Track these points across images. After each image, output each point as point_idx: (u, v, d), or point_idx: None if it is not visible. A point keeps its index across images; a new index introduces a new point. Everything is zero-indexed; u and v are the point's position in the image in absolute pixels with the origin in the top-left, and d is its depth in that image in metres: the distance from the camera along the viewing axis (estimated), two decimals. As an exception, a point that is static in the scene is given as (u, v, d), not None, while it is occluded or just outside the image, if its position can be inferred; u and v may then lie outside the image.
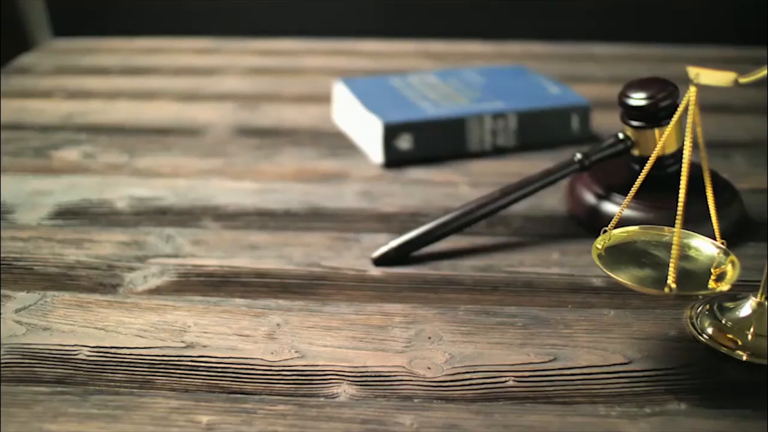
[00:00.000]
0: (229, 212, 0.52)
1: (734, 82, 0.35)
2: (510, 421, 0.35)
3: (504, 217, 0.52)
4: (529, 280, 0.45)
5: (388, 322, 0.41)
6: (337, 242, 0.49)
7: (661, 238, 0.39)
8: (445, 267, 0.46)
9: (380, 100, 0.61)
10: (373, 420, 0.35)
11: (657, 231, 0.40)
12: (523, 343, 0.40)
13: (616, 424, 0.35)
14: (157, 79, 0.80)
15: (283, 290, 0.44)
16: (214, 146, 0.63)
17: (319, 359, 0.38)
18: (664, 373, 0.38)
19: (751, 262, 0.47)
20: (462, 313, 0.42)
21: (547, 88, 0.64)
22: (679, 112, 0.37)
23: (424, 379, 0.37)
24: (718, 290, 0.35)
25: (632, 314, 0.42)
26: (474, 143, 0.60)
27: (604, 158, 0.50)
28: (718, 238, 0.38)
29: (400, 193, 0.55)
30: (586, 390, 0.37)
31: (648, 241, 0.39)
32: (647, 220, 0.48)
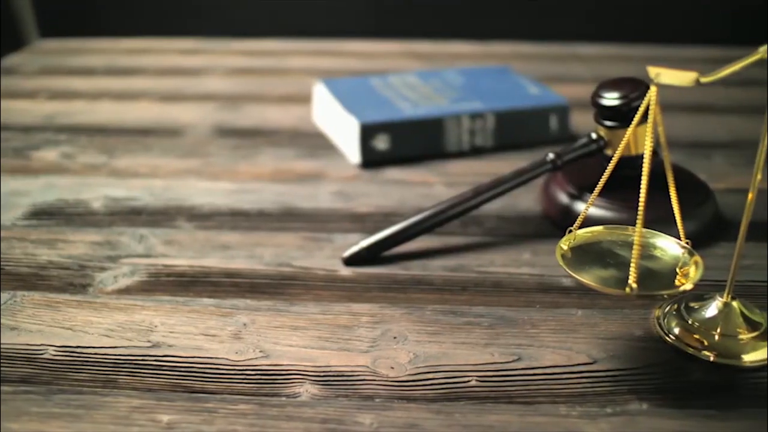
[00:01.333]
0: (203, 212, 0.52)
1: (695, 81, 0.35)
2: (470, 421, 0.35)
3: (477, 217, 0.52)
4: (499, 280, 0.45)
5: (354, 322, 0.41)
6: (309, 242, 0.49)
7: (626, 237, 0.39)
8: (416, 267, 0.46)
9: (358, 101, 0.62)
10: (333, 419, 0.35)
11: (622, 231, 0.39)
12: (488, 343, 0.40)
13: (576, 423, 0.35)
14: (141, 79, 0.81)
15: (252, 290, 0.44)
16: (193, 147, 0.63)
17: (283, 359, 0.38)
18: (628, 373, 0.38)
19: (722, 262, 0.47)
20: (429, 313, 0.42)
21: (527, 89, 0.64)
22: (640, 113, 0.36)
23: (386, 378, 0.37)
24: (680, 290, 0.35)
25: (600, 314, 0.42)
26: (452, 143, 0.60)
27: (577, 158, 0.50)
28: (682, 238, 0.38)
29: (376, 193, 0.55)
30: (549, 390, 0.37)
31: (613, 241, 0.39)
32: (621, 220, 0.48)
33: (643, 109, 0.36)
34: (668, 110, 0.75)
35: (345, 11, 1.02)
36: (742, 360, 0.39)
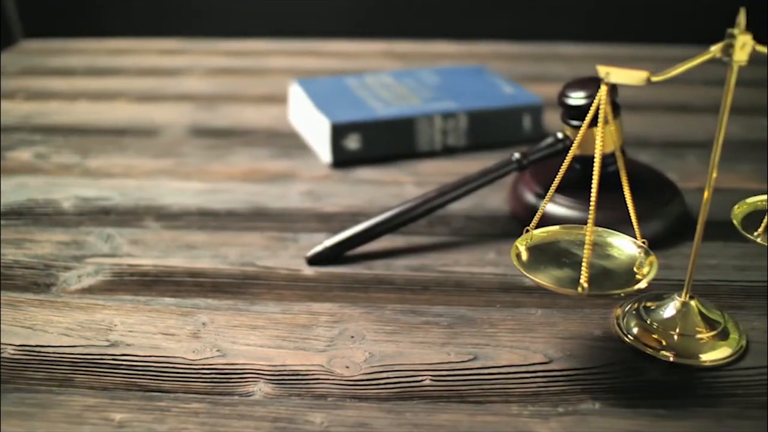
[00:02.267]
0: (172, 212, 0.52)
1: (646, 80, 0.35)
2: (420, 420, 0.35)
3: (445, 217, 0.52)
4: (461, 279, 0.45)
5: (313, 322, 0.41)
6: (274, 242, 0.49)
7: (583, 237, 0.39)
8: (379, 266, 0.46)
9: (332, 100, 0.62)
10: (284, 418, 0.35)
11: (579, 230, 0.39)
12: (445, 342, 0.40)
13: (526, 423, 0.35)
14: (120, 79, 0.81)
15: (214, 290, 0.44)
16: (168, 147, 0.63)
17: (239, 358, 0.38)
18: (584, 372, 0.38)
19: (685, 262, 0.47)
20: (389, 312, 0.42)
21: (501, 88, 0.64)
22: (591, 112, 0.36)
23: (341, 378, 0.37)
24: (633, 289, 0.35)
25: (560, 314, 0.42)
26: (424, 143, 0.60)
27: (543, 158, 0.50)
28: (638, 237, 0.38)
29: (345, 193, 0.55)
30: (502, 389, 0.36)
31: (571, 241, 0.39)
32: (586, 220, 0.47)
33: (594, 108, 0.36)
34: (645, 109, 0.75)
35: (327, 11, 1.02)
36: (700, 360, 0.39)
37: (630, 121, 0.71)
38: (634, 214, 0.38)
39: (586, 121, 0.36)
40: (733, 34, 0.35)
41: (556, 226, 0.40)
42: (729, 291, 0.44)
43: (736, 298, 0.44)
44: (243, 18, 1.03)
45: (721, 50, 0.35)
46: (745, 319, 0.42)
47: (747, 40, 0.35)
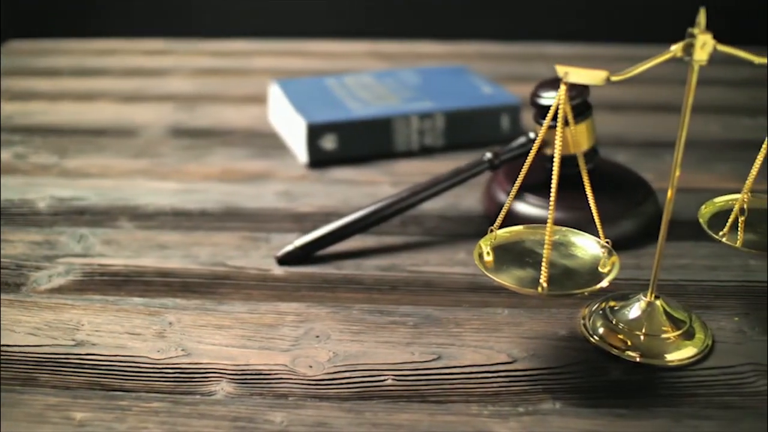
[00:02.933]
0: (146, 212, 0.52)
1: (606, 80, 0.35)
2: (380, 420, 0.35)
3: (418, 217, 0.52)
4: (430, 279, 0.45)
5: (279, 321, 0.41)
6: (246, 242, 0.49)
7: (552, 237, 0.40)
8: (349, 266, 0.46)
9: (309, 101, 0.61)
10: (244, 418, 0.35)
11: (543, 230, 0.39)
12: (410, 342, 0.40)
13: (485, 423, 0.35)
14: (104, 80, 0.81)
15: (183, 289, 0.44)
16: (146, 147, 0.63)
17: (203, 357, 0.38)
18: (547, 372, 0.38)
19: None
20: (356, 312, 0.42)
21: (480, 88, 0.64)
22: (552, 111, 0.36)
23: (303, 377, 0.37)
24: (593, 289, 0.35)
25: (527, 314, 0.42)
26: (401, 143, 0.60)
27: (515, 158, 0.50)
28: (601, 237, 0.38)
29: (320, 193, 0.55)
30: (463, 389, 0.37)
31: (535, 241, 0.39)
32: (560, 220, 0.47)
33: (554, 108, 0.36)
34: (626, 109, 0.74)
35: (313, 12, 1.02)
36: (665, 359, 0.39)
37: (609, 121, 0.71)
38: (596, 214, 0.38)
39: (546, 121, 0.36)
40: (693, 34, 0.35)
41: (520, 226, 0.40)
42: (698, 291, 0.44)
43: (705, 298, 0.44)
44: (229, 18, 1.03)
45: (682, 49, 0.36)
46: (712, 319, 0.42)
47: (707, 39, 0.35)
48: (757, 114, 0.74)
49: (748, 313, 0.43)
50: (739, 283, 0.45)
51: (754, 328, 0.41)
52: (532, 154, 0.37)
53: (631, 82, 0.83)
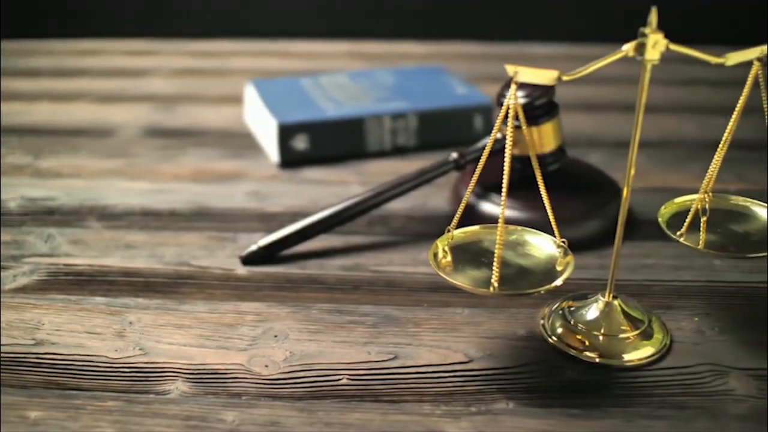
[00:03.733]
0: (115, 212, 0.52)
1: (557, 79, 0.35)
2: (332, 419, 0.35)
3: (385, 217, 0.52)
4: (393, 279, 0.45)
5: (239, 321, 0.41)
6: (212, 242, 0.49)
7: (507, 237, 0.39)
8: (313, 266, 0.46)
9: (282, 101, 0.61)
10: (197, 417, 0.35)
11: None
12: (367, 341, 0.40)
13: (437, 422, 0.35)
14: (84, 80, 0.81)
15: (145, 289, 0.44)
16: (121, 147, 0.63)
17: (160, 357, 0.38)
18: (502, 372, 0.38)
19: (623, 261, 0.46)
20: (315, 312, 0.42)
21: (454, 89, 0.64)
22: (503, 111, 0.36)
23: (259, 376, 0.37)
24: (545, 289, 0.35)
25: (486, 313, 0.42)
26: (373, 143, 0.60)
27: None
28: (557, 237, 0.38)
29: (290, 193, 0.55)
30: (417, 388, 0.37)
31: (492, 241, 0.39)
32: (527, 221, 0.46)
33: (505, 108, 0.35)
34: (601, 109, 0.74)
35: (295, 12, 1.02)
36: (622, 360, 0.39)
37: (583, 121, 0.71)
38: (551, 214, 0.38)
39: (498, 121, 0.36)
40: (645, 33, 0.35)
41: (477, 226, 0.40)
42: (662, 291, 0.44)
43: (667, 297, 0.44)
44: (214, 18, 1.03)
45: (634, 49, 0.36)
46: (673, 319, 0.42)
47: (658, 38, 0.35)
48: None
49: (709, 314, 0.43)
50: (702, 283, 0.45)
51: (713, 328, 0.41)
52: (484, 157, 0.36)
53: (607, 82, 0.82)
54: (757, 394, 0.36)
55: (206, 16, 1.03)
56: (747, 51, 0.38)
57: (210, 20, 1.03)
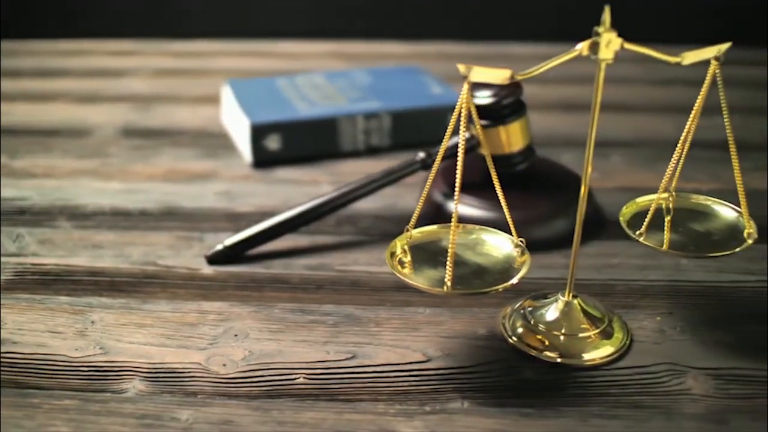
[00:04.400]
0: (85, 212, 0.53)
1: (509, 78, 0.35)
2: (286, 418, 0.35)
3: (353, 217, 0.52)
4: (357, 278, 0.45)
5: (201, 320, 0.41)
6: (180, 241, 0.49)
7: (466, 236, 0.39)
8: (278, 266, 0.46)
9: (256, 101, 0.62)
10: (151, 415, 0.35)
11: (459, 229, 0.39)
12: (327, 341, 0.40)
13: (390, 422, 0.35)
14: (64, 81, 0.80)
15: (110, 288, 0.44)
16: (96, 147, 0.63)
17: (120, 356, 0.39)
18: (459, 371, 0.38)
19: (588, 261, 0.47)
20: (278, 311, 0.42)
21: (430, 88, 0.64)
22: (457, 111, 0.35)
23: (216, 375, 0.37)
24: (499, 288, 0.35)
25: (448, 313, 0.42)
26: (347, 143, 0.60)
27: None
28: (514, 236, 0.38)
29: (261, 193, 0.55)
30: (373, 388, 0.37)
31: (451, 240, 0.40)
32: (494, 220, 0.46)
33: (459, 108, 0.35)
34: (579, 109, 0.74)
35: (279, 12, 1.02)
36: (581, 359, 0.39)
37: (560, 121, 0.70)
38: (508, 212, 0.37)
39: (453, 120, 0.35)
40: (598, 32, 0.35)
41: (435, 225, 0.39)
42: (626, 290, 0.44)
43: (631, 297, 0.44)
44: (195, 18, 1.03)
45: (588, 48, 0.36)
46: (635, 318, 0.42)
47: (612, 37, 0.35)
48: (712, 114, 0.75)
49: (672, 313, 0.43)
50: (667, 282, 0.45)
51: (675, 327, 0.41)
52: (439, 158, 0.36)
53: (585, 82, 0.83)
54: (714, 393, 0.36)
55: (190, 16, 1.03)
56: (704, 50, 0.38)
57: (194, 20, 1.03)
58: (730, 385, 0.37)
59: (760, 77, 0.82)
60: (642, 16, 1.00)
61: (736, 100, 0.79)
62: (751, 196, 0.56)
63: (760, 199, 0.55)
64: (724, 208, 0.41)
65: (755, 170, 0.60)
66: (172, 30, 0.98)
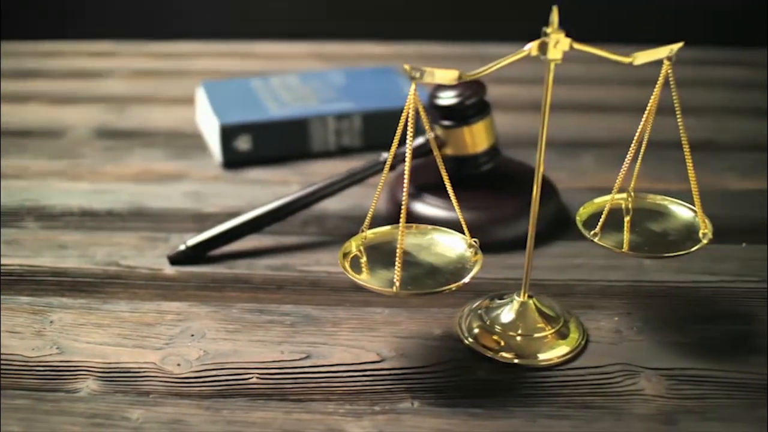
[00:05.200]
0: (53, 213, 0.53)
1: (458, 79, 0.35)
2: (236, 417, 0.35)
3: (320, 217, 0.52)
4: (318, 279, 0.45)
5: (159, 320, 0.41)
6: (144, 242, 0.49)
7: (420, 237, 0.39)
8: (241, 266, 0.46)
9: (228, 102, 0.61)
10: (102, 414, 0.35)
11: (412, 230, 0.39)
12: (283, 341, 0.40)
13: (339, 421, 0.35)
14: (40, 82, 0.80)
15: (71, 289, 0.44)
16: (68, 148, 0.63)
17: (76, 356, 0.39)
18: (412, 371, 0.38)
19: (551, 261, 0.47)
20: (236, 311, 0.42)
21: (402, 89, 0.64)
22: (406, 111, 0.35)
23: (170, 375, 0.37)
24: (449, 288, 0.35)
25: (406, 313, 0.42)
26: (318, 144, 0.60)
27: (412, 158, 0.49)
28: (467, 236, 0.38)
29: (230, 193, 0.55)
30: (325, 388, 0.37)
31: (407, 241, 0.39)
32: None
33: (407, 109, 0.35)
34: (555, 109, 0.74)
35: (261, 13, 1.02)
36: (536, 359, 0.39)
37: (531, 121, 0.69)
38: (460, 213, 0.38)
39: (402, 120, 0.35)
40: (547, 33, 0.35)
41: (388, 226, 0.39)
42: (586, 290, 0.45)
43: (590, 297, 0.44)
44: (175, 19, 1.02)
45: (538, 48, 0.36)
46: (593, 319, 0.42)
47: (560, 37, 0.35)
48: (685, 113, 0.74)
49: (630, 313, 0.43)
50: (628, 283, 0.45)
51: (632, 328, 0.41)
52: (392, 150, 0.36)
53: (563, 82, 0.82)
54: (666, 394, 0.37)
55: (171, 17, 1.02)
56: (655, 50, 0.38)
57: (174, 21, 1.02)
58: (683, 386, 0.37)
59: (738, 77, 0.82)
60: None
61: (711, 101, 0.78)
62: (722, 196, 0.57)
63: (731, 200, 0.56)
64: (682, 208, 0.41)
65: (728, 170, 0.60)
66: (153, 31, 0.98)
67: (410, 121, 0.35)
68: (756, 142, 0.66)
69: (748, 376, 0.38)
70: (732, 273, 0.46)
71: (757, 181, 0.58)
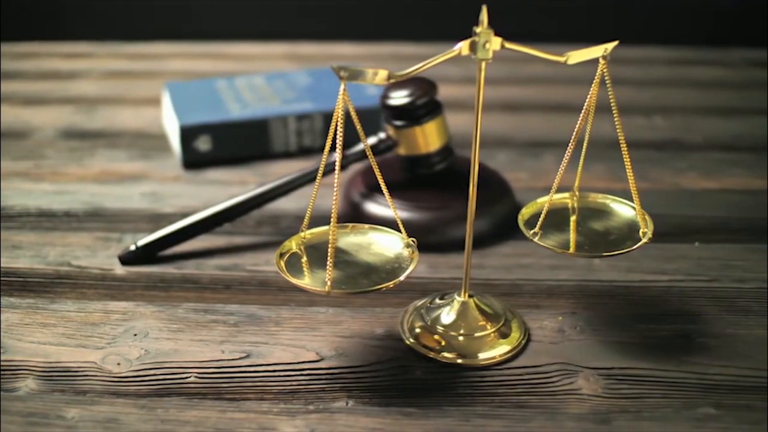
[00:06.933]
0: (11, 213, 0.53)
1: (386, 78, 0.35)
2: (170, 416, 0.35)
3: (275, 217, 0.52)
4: (266, 279, 0.46)
5: (104, 320, 0.42)
6: (98, 242, 0.49)
7: (359, 236, 0.39)
8: (191, 266, 0.47)
9: (191, 103, 0.62)
10: (39, 413, 0.35)
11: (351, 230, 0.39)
12: (224, 340, 0.40)
13: (271, 420, 0.35)
14: (12, 83, 0.80)
15: (21, 289, 0.44)
16: (32, 149, 0.63)
17: (18, 355, 0.39)
18: (350, 371, 0.38)
19: (501, 261, 0.47)
20: (181, 311, 0.42)
21: (366, 89, 0.64)
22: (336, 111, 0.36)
23: (109, 374, 0.38)
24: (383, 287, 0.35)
25: (350, 313, 0.42)
26: (279, 144, 0.60)
27: (363, 157, 0.49)
28: (404, 234, 0.38)
29: (189, 194, 0.56)
30: (262, 387, 0.37)
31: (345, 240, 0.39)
32: (411, 220, 0.47)
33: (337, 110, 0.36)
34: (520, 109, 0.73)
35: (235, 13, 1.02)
36: (476, 359, 0.39)
37: (497, 121, 0.70)
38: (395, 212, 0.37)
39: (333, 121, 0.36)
40: (477, 32, 0.35)
41: (326, 226, 0.39)
42: (533, 290, 0.45)
43: (537, 297, 0.44)
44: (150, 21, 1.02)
45: (468, 47, 0.36)
46: (537, 318, 0.42)
47: (490, 37, 0.35)
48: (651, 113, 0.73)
49: (575, 313, 0.43)
50: (576, 282, 0.45)
51: (575, 327, 0.42)
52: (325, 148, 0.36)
53: (530, 81, 0.82)
54: (603, 393, 0.37)
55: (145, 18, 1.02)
56: (590, 49, 0.38)
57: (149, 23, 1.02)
58: (620, 385, 0.37)
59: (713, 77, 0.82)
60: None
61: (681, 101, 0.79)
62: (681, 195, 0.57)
63: (690, 199, 0.56)
64: (626, 207, 0.41)
65: (690, 170, 0.60)
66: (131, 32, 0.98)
67: (340, 121, 0.35)
68: (721, 142, 0.66)
69: (686, 375, 0.38)
70: (683, 272, 0.46)
71: (717, 180, 0.58)
